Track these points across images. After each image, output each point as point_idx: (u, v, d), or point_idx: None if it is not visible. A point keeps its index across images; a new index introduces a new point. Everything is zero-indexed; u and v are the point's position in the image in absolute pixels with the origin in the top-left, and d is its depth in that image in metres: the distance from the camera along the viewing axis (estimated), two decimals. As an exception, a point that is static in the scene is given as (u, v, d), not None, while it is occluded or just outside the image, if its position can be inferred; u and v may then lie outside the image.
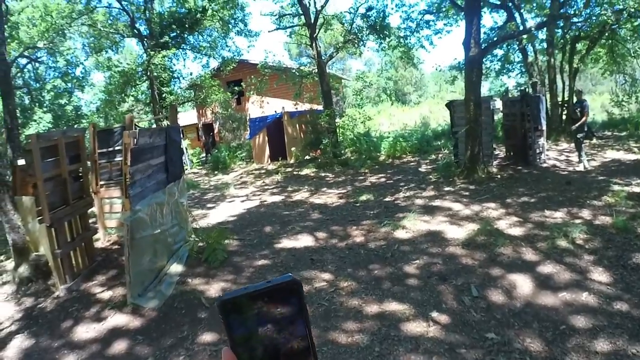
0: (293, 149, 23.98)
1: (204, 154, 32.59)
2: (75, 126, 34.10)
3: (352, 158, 20.71)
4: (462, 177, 13.75)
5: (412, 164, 18.66)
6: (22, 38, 30.45)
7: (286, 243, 9.22)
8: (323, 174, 18.55)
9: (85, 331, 6.32)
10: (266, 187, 17.02)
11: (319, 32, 23.76)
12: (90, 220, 9.64)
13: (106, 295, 7.51)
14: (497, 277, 6.48)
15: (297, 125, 24.72)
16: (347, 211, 11.43)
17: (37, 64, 35.96)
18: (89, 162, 9.41)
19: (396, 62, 74.54)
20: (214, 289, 7.27)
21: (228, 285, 7.37)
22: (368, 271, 7.21)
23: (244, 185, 18.25)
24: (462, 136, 14.71)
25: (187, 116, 42.41)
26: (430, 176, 15.06)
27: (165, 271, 8.12)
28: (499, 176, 13.80)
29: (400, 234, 8.95)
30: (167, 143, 8.81)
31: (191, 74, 34.56)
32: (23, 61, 34.53)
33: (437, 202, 11.31)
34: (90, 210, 9.42)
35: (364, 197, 12.56)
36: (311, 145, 23.19)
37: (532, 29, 16.09)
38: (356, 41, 24.27)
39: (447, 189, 12.88)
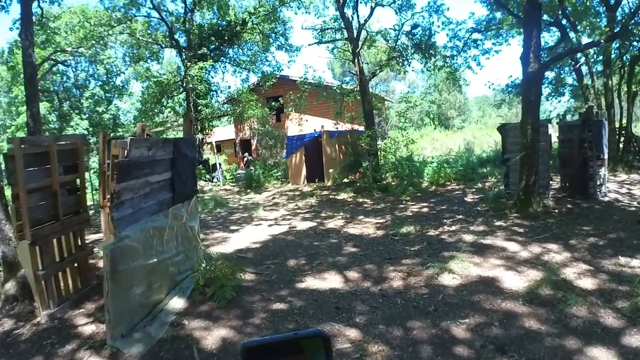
0: (331, 170, 22.66)
1: (240, 170, 31.59)
2: (112, 134, 33.62)
3: (392, 184, 19.15)
4: (515, 210, 12.11)
5: (456, 192, 17.05)
6: (61, 43, 30.33)
7: (310, 282, 7.81)
8: (361, 200, 17.07)
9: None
10: (298, 211, 15.65)
11: (361, 47, 22.44)
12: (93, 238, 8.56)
13: (89, 329, 6.38)
14: (573, 352, 4.85)
15: (337, 146, 23.36)
16: (385, 246, 9.92)
17: (77, 71, 36.07)
18: (92, 174, 8.21)
19: (440, 85, 74.01)
20: (213, 338, 5.90)
21: (230, 335, 5.95)
22: (405, 330, 5.67)
23: (275, 207, 16.93)
24: (516, 164, 13.08)
25: (225, 131, 41.83)
26: (478, 207, 13.46)
27: (162, 307, 6.82)
28: (556, 211, 12.16)
29: (446, 279, 7.43)
30: (174, 157, 7.51)
31: (229, 87, 34.04)
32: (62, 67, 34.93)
33: (488, 240, 9.75)
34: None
35: (404, 230, 11.05)
36: (350, 167, 21.70)
37: (602, 40, 14.32)
38: (400, 60, 22.90)
39: (498, 223, 11.30)
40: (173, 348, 5.66)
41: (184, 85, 27.24)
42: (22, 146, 6.37)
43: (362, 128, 23.33)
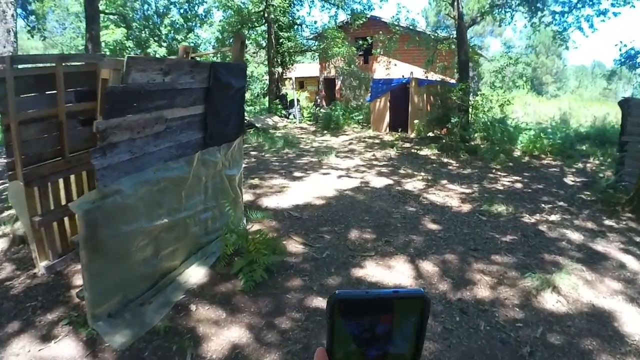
0: (416, 121, 20.45)
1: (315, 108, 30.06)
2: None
3: (482, 147, 16.81)
4: (630, 209, 9.63)
5: (554, 169, 14.51)
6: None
7: (370, 269, 6.01)
8: (445, 160, 14.90)
9: (15, 354, 4.05)
10: (374, 163, 13.75)
11: (464, -14, 19.66)
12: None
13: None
14: None
15: (424, 96, 20.97)
16: (470, 227, 7.93)
17: None
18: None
19: (539, 46, 70.10)
20: (219, 341, 4.31)
21: (244, 341, 4.35)
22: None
23: (350, 155, 15.07)
24: (637, 151, 10.82)
25: (309, 68, 40.48)
26: (582, 195, 11.00)
27: (174, 276, 5.33)
28: None
29: (548, 300, 5.43)
30: (210, 86, 5.70)
31: (315, 23, 32.27)
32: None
33: (599, 246, 7.50)
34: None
35: (494, 208, 9.03)
36: (437, 121, 19.46)
37: None
38: (504, 10, 20.23)
39: (608, 222, 8.92)
40: (163, 347, 4.08)
41: (266, 15, 25.69)
42: (15, 66, 4.77)
43: (453, 81, 20.93)
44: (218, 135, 6.24)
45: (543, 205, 9.84)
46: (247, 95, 36.52)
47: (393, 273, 5.95)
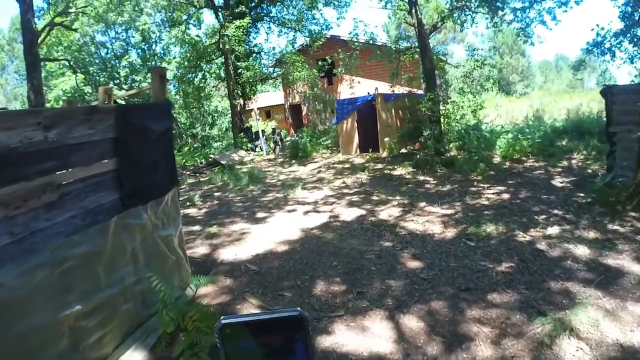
0: (387, 139, 19.44)
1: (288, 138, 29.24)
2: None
3: (458, 157, 15.76)
4: (632, 207, 8.61)
5: (538, 172, 13.48)
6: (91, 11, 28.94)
7: (340, 336, 4.84)
8: (422, 178, 13.76)
9: None
10: (345, 191, 12.60)
11: (420, -7, 18.91)
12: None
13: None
14: None
15: (393, 111, 19.95)
16: (458, 259, 6.76)
17: (114, 40, 35.35)
18: None
19: (502, 47, 70.26)
20: None
21: None
22: None
23: (318, 185, 13.91)
24: (625, 141, 9.97)
25: (274, 96, 40.55)
26: (576, 198, 9.95)
27: None
28: None
29: (566, 349, 4.29)
30: (118, 136, 4.59)
31: (274, 49, 31.55)
32: (99, 37, 34.76)
33: (610, 259, 6.43)
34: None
35: (482, 230, 7.90)
36: (409, 136, 18.40)
37: None
38: (465, 11, 19.29)
39: (612, 226, 7.89)
40: None
41: (221, 47, 24.96)
42: None
43: (421, 92, 20.07)
44: (141, 192, 5.09)
45: (536, 217, 8.76)
46: (214, 131, 35.49)
47: (368, 337, 4.78)
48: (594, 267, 6.18)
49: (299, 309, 0.77)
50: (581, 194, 10.12)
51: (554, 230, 7.85)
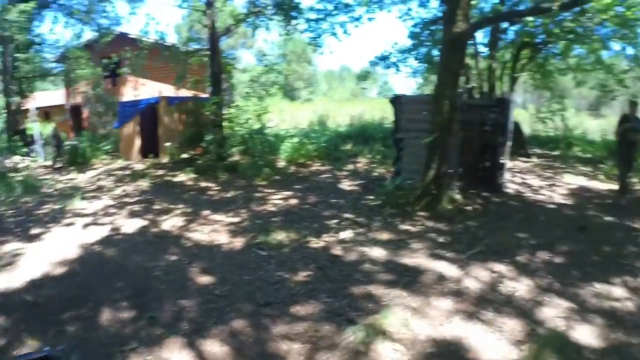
0: (168, 144, 18.40)
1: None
2: None
3: (241, 162, 15.54)
4: (420, 208, 9.13)
5: (325, 176, 13.74)
6: None
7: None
8: (204, 184, 13.20)
9: None
10: (126, 200, 11.55)
11: (218, -5, 18.58)
12: None
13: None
14: None
15: (177, 115, 19.23)
16: (252, 271, 6.31)
17: None
18: None
19: (289, 55, 72.22)
20: None
21: None
22: None
23: (98, 194, 12.58)
24: (413, 146, 10.51)
25: (55, 96, 36.61)
26: (366, 201, 10.19)
27: None
28: (469, 208, 9.54)
29: (383, 354, 4.22)
30: None
31: (58, 41, 28.77)
32: None
33: (406, 258, 6.64)
34: None
35: (272, 238, 7.56)
36: (190, 141, 17.68)
37: (554, 7, 11.17)
38: (260, 17, 19.15)
39: (404, 227, 8.23)
40: None
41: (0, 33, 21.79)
42: None
43: (206, 95, 19.50)
44: None
45: (328, 221, 8.82)
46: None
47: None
48: (393, 268, 6.30)
49: (47, 348, 0.64)
50: (370, 197, 10.42)
51: (347, 234, 7.91)
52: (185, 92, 20.87)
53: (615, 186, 11.84)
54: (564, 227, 8.67)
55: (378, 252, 6.85)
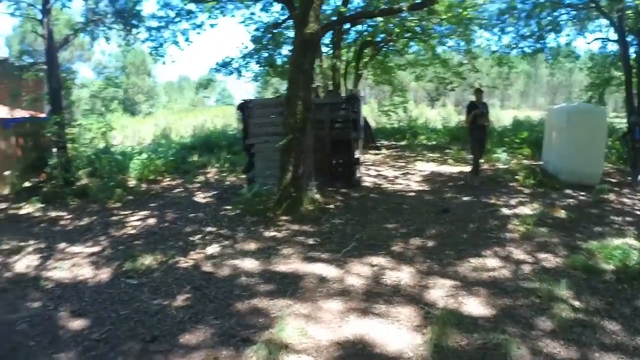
0: (7, 173, 16.92)
1: None
2: None
3: (90, 185, 14.41)
4: (281, 212, 9.12)
5: (178, 190, 13.40)
6: None
7: None
8: (54, 214, 11.94)
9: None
10: (-40, 246, 10.36)
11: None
12: None
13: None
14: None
15: (14, 139, 17.37)
16: (127, 305, 5.75)
17: None
18: None
19: (129, 67, 69.97)
20: None
21: None
22: None
23: None
24: (263, 151, 10.77)
25: None
26: (225, 212, 10.03)
27: None
28: (330, 206, 9.80)
29: None
30: None
31: None
32: None
33: (282, 266, 6.57)
34: None
35: (139, 263, 7.09)
36: (32, 167, 16.30)
37: (404, 8, 11.63)
38: (99, 25, 18.20)
39: (270, 233, 8.20)
40: None
41: None
42: None
43: (44, 115, 18.27)
44: None
45: (191, 238, 8.49)
46: None
47: None
48: (270, 278, 6.20)
49: None
50: (228, 207, 10.29)
51: (214, 248, 7.70)
52: (20, 113, 19.57)
53: (465, 168, 12.75)
54: (427, 211, 9.33)
55: (250, 264, 6.70)
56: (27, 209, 12.88)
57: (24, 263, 8.12)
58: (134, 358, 4.53)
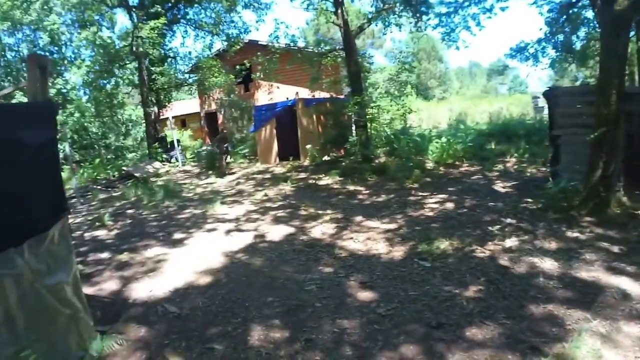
0: (308, 146, 18.45)
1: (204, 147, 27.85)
2: (60, 112, 29.80)
3: (389, 163, 15.03)
4: (586, 212, 8.22)
5: (477, 177, 12.99)
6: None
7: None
8: (352, 187, 12.81)
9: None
10: (268, 205, 11.51)
11: (347, -6, 18.40)
12: None
13: None
14: None
15: (314, 117, 19.14)
16: (417, 285, 5.79)
17: (21, 41, 32.28)
18: None
19: (419, 53, 71.26)
20: None
21: None
22: None
23: (238, 199, 12.73)
24: (570, 144, 9.72)
25: (190, 104, 39.47)
26: (525, 204, 9.35)
27: None
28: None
29: None
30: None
31: (190, 53, 30.04)
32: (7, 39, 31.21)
33: (583, 272, 5.85)
34: None
35: (434, 247, 7.06)
36: (332, 142, 17.72)
37: None
38: (390, 13, 18.86)
39: (572, 234, 7.39)
40: None
41: (135, 50, 23.25)
42: None
43: (342, 96, 19.96)
44: (10, 230, 3.77)
45: (490, 227, 8.12)
46: (129, 142, 33.41)
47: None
48: (570, 283, 5.56)
49: None
50: (529, 200, 9.64)
51: (512, 242, 7.24)
52: (320, 94, 20.91)
53: None
54: None
55: (550, 264, 6.13)
56: (326, 180, 13.79)
57: (320, 229, 8.76)
58: (416, 341, 4.47)
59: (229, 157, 20.16)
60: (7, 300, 3.66)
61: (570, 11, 18.36)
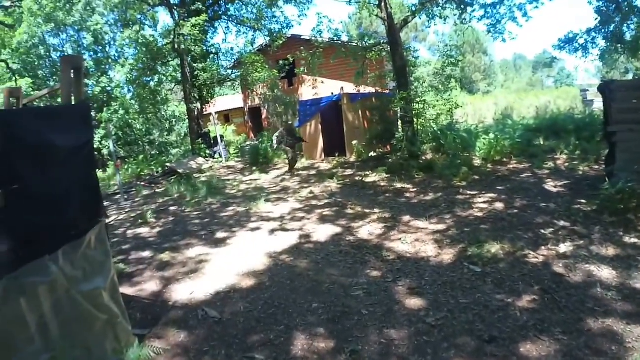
0: (354, 142, 18.29)
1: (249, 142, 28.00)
2: (105, 110, 30.37)
3: (436, 160, 14.70)
4: None
5: (526, 175, 12.50)
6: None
7: None
8: (399, 185, 12.55)
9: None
10: (314, 203, 11.35)
11: (391, -14, 18.03)
12: None
13: None
14: None
15: (360, 112, 18.90)
16: (467, 293, 5.57)
17: (65, 42, 33.06)
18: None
19: (464, 46, 70.48)
20: None
21: None
22: None
23: (283, 196, 12.62)
24: (627, 142, 9.15)
25: (233, 100, 40.08)
26: (579, 206, 8.92)
27: None
28: None
29: None
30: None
31: (232, 49, 30.23)
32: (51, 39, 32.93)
33: None
34: None
35: (485, 250, 6.83)
36: (378, 138, 17.48)
37: None
38: (434, 5, 18.41)
39: (630, 240, 6.95)
40: None
41: (177, 47, 23.64)
42: None
43: (387, 91, 19.58)
44: (45, 236, 3.76)
45: (542, 230, 7.77)
46: (172, 138, 33.86)
47: None
48: (629, 295, 5.21)
49: None
50: (583, 201, 9.20)
51: (567, 247, 6.92)
52: (365, 89, 20.66)
53: None
54: None
55: (607, 273, 5.81)
56: (372, 177, 13.59)
57: (367, 229, 8.59)
58: (467, 356, 4.28)
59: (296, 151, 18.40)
60: (41, 307, 3.65)
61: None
